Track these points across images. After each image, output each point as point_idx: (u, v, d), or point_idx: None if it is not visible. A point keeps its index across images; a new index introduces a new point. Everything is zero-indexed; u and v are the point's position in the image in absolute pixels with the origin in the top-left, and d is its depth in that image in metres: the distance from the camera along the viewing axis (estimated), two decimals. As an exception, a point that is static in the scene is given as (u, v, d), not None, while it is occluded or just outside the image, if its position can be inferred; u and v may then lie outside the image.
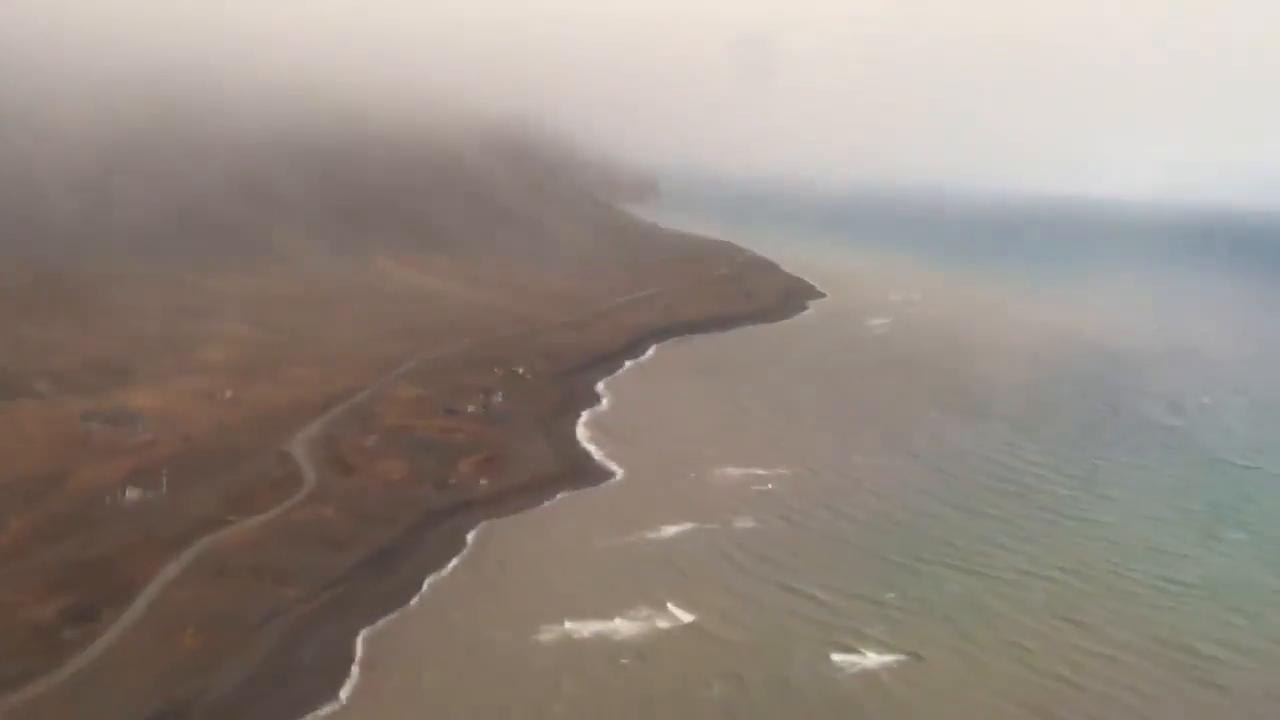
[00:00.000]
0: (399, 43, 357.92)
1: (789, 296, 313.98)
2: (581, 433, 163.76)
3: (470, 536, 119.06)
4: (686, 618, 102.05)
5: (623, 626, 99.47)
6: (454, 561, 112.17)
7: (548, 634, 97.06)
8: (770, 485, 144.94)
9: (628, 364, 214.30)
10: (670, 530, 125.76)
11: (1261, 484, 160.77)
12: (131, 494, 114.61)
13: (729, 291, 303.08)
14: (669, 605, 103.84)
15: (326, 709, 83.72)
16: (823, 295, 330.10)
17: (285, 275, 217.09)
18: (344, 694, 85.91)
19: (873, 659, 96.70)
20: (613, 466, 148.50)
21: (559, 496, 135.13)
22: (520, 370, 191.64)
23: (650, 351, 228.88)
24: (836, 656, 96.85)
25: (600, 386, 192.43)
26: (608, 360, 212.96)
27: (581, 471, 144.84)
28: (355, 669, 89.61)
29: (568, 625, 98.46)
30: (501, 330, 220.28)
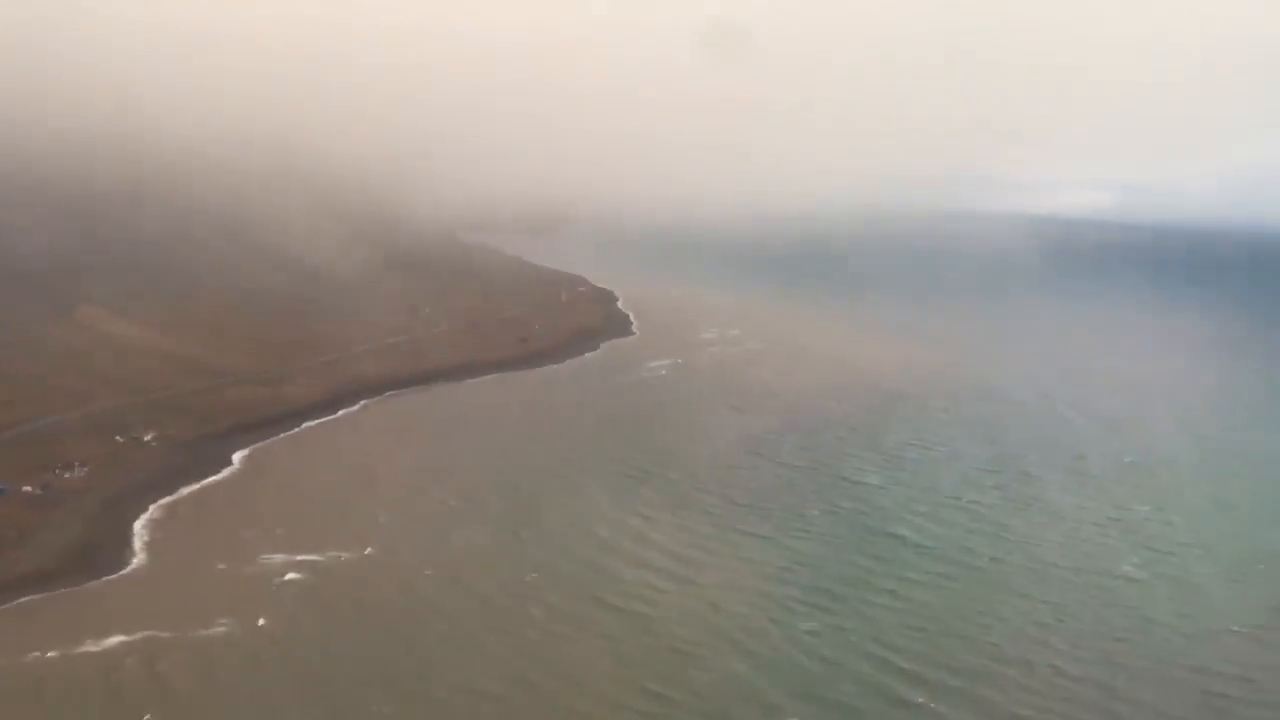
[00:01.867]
0: (184, 77, 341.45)
1: (585, 338, 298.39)
2: (150, 514, 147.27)
3: None
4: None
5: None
6: None
7: None
8: (300, 575, 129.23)
9: (307, 424, 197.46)
10: (107, 643, 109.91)
11: (897, 559, 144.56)
12: None
13: (507, 332, 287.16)
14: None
15: None
16: (631, 334, 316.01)
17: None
18: None
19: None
20: (137, 557, 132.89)
21: (22, 600, 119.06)
22: (148, 437, 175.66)
23: (355, 408, 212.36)
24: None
25: (239, 455, 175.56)
26: (286, 420, 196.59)
27: (88, 565, 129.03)
28: None
29: None
30: (176, 386, 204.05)
